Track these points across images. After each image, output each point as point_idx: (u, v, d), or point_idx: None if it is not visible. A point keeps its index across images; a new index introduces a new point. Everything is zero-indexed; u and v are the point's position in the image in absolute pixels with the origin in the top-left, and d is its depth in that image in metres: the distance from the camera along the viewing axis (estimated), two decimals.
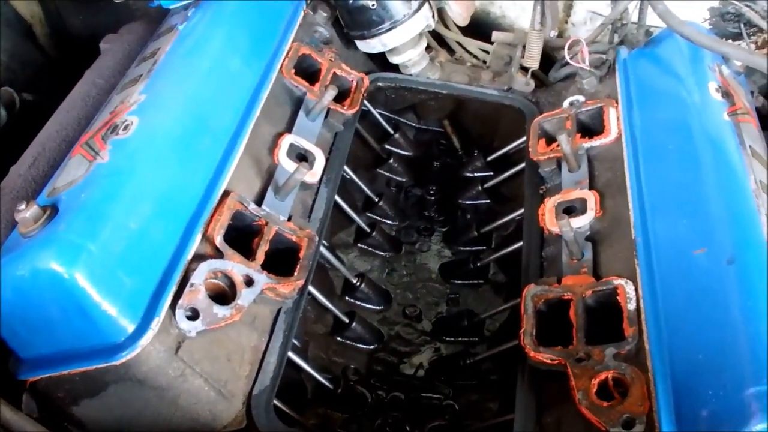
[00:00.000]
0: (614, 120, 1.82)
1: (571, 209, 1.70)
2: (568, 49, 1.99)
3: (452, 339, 2.00)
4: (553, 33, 2.11)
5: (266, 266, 1.50)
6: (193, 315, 1.32)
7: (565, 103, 2.00)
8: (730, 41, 2.19)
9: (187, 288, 1.34)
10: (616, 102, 1.86)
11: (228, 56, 1.77)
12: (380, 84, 2.29)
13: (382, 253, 2.21)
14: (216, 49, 1.76)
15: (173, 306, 1.32)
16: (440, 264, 2.23)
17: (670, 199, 1.53)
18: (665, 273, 1.39)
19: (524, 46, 2.15)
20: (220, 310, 1.35)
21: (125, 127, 1.46)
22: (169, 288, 1.33)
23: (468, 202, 2.33)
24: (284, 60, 1.94)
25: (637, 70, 1.90)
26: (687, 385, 1.21)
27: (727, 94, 1.71)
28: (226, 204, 1.51)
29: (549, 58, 2.21)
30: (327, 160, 1.91)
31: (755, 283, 1.27)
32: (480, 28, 2.46)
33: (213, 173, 1.55)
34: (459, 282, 2.16)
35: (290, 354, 1.56)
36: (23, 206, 1.28)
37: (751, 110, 1.76)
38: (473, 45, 2.45)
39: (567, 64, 2.04)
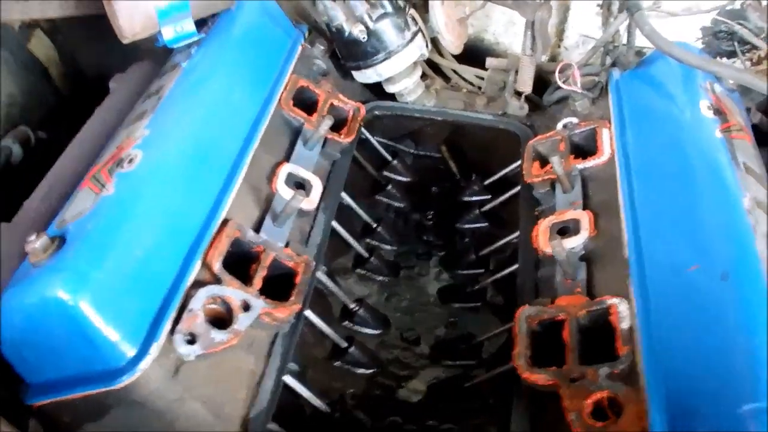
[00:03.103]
0: (607, 140, 1.84)
1: (565, 230, 1.71)
2: (560, 72, 2.02)
3: (450, 362, 2.00)
4: (544, 57, 2.15)
5: (264, 292, 1.52)
6: (192, 339, 1.34)
7: (559, 126, 2.03)
8: (724, 59, 2.22)
9: (186, 313, 1.36)
10: (609, 123, 1.89)
11: (229, 91, 1.82)
12: (377, 112, 2.33)
13: (380, 278, 2.23)
14: (217, 84, 1.81)
15: (172, 331, 1.35)
16: (438, 288, 2.24)
17: (663, 217, 1.54)
18: (659, 291, 1.40)
19: (517, 71, 2.19)
20: (218, 335, 1.37)
21: (130, 161, 1.52)
22: (168, 313, 1.36)
23: (466, 226, 2.35)
24: (283, 92, 1.99)
25: (629, 91, 1.93)
26: (681, 404, 1.21)
27: (719, 112, 1.72)
28: (225, 232, 1.54)
29: (544, 81, 2.24)
30: (325, 187, 1.94)
31: (750, 298, 1.27)
32: (475, 55, 2.50)
33: (213, 203, 1.59)
34: (457, 305, 2.17)
35: (288, 378, 1.57)
36: (33, 237, 1.32)
37: (746, 127, 1.78)
38: (468, 72, 2.49)
39: (560, 87, 2.07)
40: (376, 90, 2.37)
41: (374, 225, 2.30)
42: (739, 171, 1.56)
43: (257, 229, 1.67)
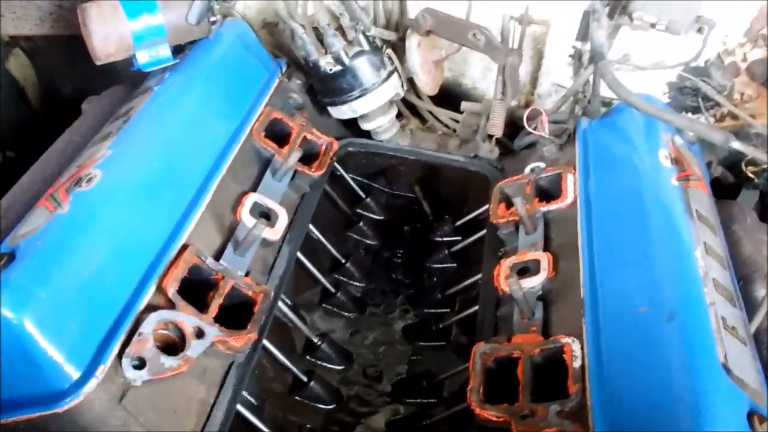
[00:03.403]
0: (571, 185, 1.87)
1: (525, 270, 1.73)
2: (529, 119, 2.06)
3: (411, 400, 1.99)
4: (515, 102, 2.19)
5: (221, 320, 1.52)
6: (140, 364, 1.33)
7: (527, 169, 2.06)
8: (688, 114, 2.28)
9: (136, 337, 1.35)
10: (574, 168, 1.92)
11: (198, 116, 1.84)
12: (351, 149, 2.35)
13: (346, 314, 2.23)
14: (186, 109, 1.83)
15: (121, 355, 1.33)
16: (404, 326, 2.24)
17: (618, 260, 1.56)
18: (610, 331, 1.42)
19: (489, 116, 2.23)
20: (168, 361, 1.36)
21: (88, 180, 1.51)
22: (117, 337, 1.35)
23: (435, 266, 2.37)
24: (255, 123, 2.01)
25: (595, 138, 1.97)
26: None
27: (677, 161, 1.77)
28: (183, 257, 1.54)
29: (517, 127, 2.27)
30: (292, 219, 1.96)
31: (693, 339, 1.30)
32: (453, 98, 2.55)
33: (173, 227, 1.59)
34: (422, 344, 2.17)
35: (243, 410, 1.56)
36: None
37: (702, 177, 1.82)
38: (444, 114, 2.53)
39: (530, 132, 2.11)
40: (353, 128, 2.40)
41: (343, 260, 2.31)
42: (692, 218, 1.60)
43: (218, 256, 1.67)
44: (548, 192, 1.94)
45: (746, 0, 2.08)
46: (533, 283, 1.66)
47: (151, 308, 1.43)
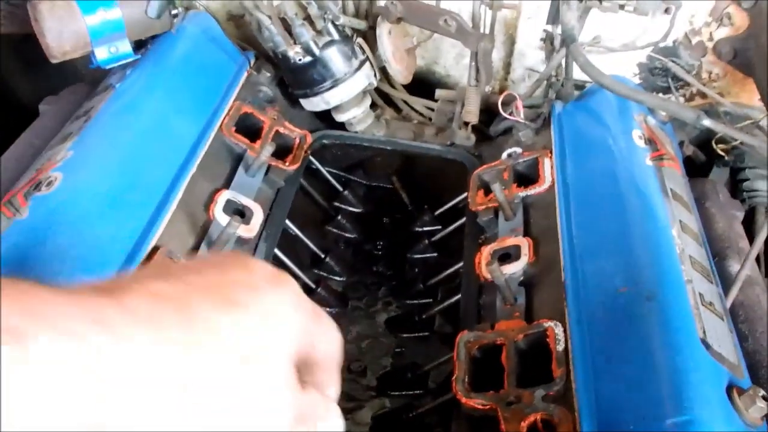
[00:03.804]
0: (548, 169, 1.86)
1: (506, 256, 1.72)
2: (504, 104, 2.05)
3: (397, 393, 1.98)
4: (488, 88, 2.18)
5: None
6: None
7: (504, 155, 2.05)
8: (660, 95, 2.28)
9: None
10: (551, 152, 1.91)
11: (164, 114, 1.79)
12: (326, 141, 2.33)
13: (328, 309, 2.19)
14: (151, 106, 1.78)
15: None
16: (386, 318, 2.22)
17: (597, 241, 1.56)
18: (592, 313, 1.41)
19: (464, 103, 2.21)
20: None
21: (48, 184, 1.46)
22: None
23: (416, 256, 2.35)
24: (225, 118, 1.98)
25: (569, 121, 1.96)
26: (611, 421, 1.22)
27: (650, 141, 1.77)
28: (154, 260, 1.50)
29: (493, 113, 2.26)
30: (268, 215, 1.93)
31: (672, 318, 1.30)
32: (427, 86, 2.53)
33: (142, 229, 1.54)
34: (406, 335, 2.15)
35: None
36: None
37: (675, 156, 1.82)
38: (419, 103, 2.51)
39: (505, 118, 2.10)
40: (327, 120, 2.37)
41: (323, 255, 2.29)
42: (667, 197, 1.60)
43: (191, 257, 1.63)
44: (526, 177, 1.93)
45: None
46: (514, 268, 1.65)
47: None
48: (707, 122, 1.59)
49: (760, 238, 1.57)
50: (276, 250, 1.94)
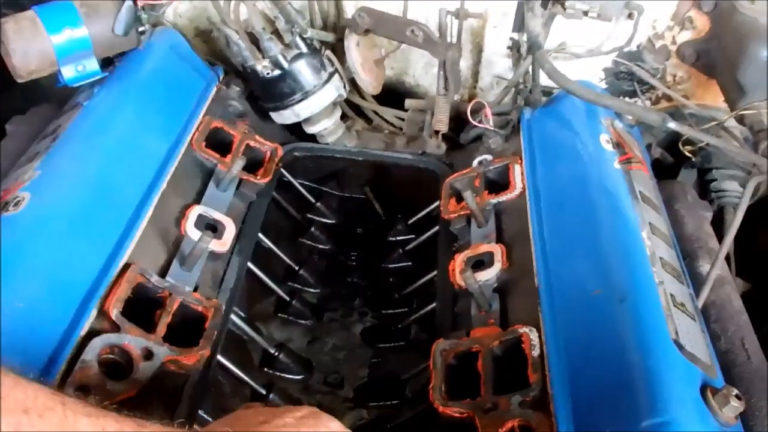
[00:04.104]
0: (518, 176, 1.88)
1: (480, 263, 1.73)
2: (473, 112, 2.06)
3: (374, 404, 1.97)
4: (457, 96, 2.19)
5: (172, 339, 1.47)
6: (84, 393, 1.27)
7: (475, 163, 2.07)
8: (626, 99, 2.31)
9: (78, 364, 1.29)
10: (521, 159, 1.93)
11: (133, 130, 1.78)
12: (297, 154, 2.32)
13: (303, 322, 2.19)
14: (120, 123, 1.76)
15: (63, 384, 1.27)
16: (362, 329, 2.22)
17: (569, 245, 1.57)
18: (566, 317, 1.42)
19: (434, 111, 2.22)
20: (115, 386, 1.31)
21: (16, 204, 1.44)
22: (57, 366, 1.28)
23: (390, 266, 2.35)
24: (195, 133, 1.96)
25: (538, 127, 1.98)
26: (588, 425, 1.23)
27: (618, 145, 1.79)
28: (126, 277, 1.48)
29: (463, 121, 2.27)
30: (240, 229, 1.92)
31: (645, 319, 1.31)
32: (397, 96, 2.54)
33: (113, 247, 1.53)
34: (382, 346, 2.15)
35: (198, 429, 1.52)
36: None
37: (643, 159, 1.84)
38: (389, 113, 2.52)
39: (475, 126, 2.11)
40: (298, 132, 2.37)
41: (297, 268, 2.28)
42: (636, 200, 1.62)
43: (164, 273, 1.62)
44: (497, 184, 1.94)
45: None
46: (488, 275, 1.66)
47: (94, 333, 1.37)
48: (673, 125, 1.62)
49: (729, 237, 1.59)
50: (249, 264, 1.93)
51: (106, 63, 1.89)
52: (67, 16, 1.76)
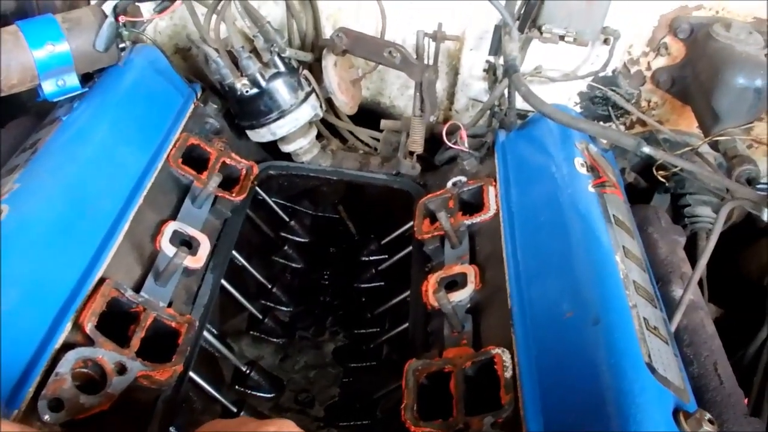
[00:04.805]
0: (492, 197, 1.90)
1: (453, 284, 1.74)
2: (448, 133, 2.08)
3: (345, 423, 1.97)
4: (433, 118, 2.21)
5: (146, 354, 1.46)
6: (57, 405, 1.26)
7: (449, 184, 2.08)
8: (599, 122, 2.36)
9: (52, 377, 1.28)
10: (495, 180, 1.95)
11: (110, 146, 1.78)
12: (272, 172, 2.32)
13: (275, 340, 2.19)
14: (98, 138, 1.76)
15: (36, 397, 1.26)
16: (334, 348, 2.22)
17: (542, 268, 1.58)
18: (539, 339, 1.43)
19: (409, 132, 2.24)
20: (88, 400, 1.30)
21: None
22: (32, 379, 1.27)
23: (363, 285, 2.36)
24: (172, 149, 1.96)
25: (513, 150, 2.01)
26: None
27: (592, 169, 1.81)
28: (101, 291, 1.48)
29: (438, 142, 2.30)
30: (215, 246, 1.91)
31: (618, 341, 1.32)
32: (373, 117, 2.55)
33: (89, 261, 1.53)
34: (353, 365, 2.15)
35: None
36: None
37: (617, 183, 1.87)
38: (364, 133, 2.53)
39: (450, 147, 2.13)
40: (274, 151, 2.37)
41: (269, 285, 2.27)
42: (610, 223, 1.64)
43: (138, 288, 1.61)
44: (471, 205, 1.96)
45: (647, 11, 2.17)
46: (461, 296, 1.67)
47: (68, 346, 1.36)
48: (647, 149, 1.64)
49: (702, 262, 1.61)
50: (223, 281, 1.92)
51: (86, 78, 1.89)
52: (50, 31, 1.75)
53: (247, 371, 1.98)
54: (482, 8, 2.11)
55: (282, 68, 2.14)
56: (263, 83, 2.10)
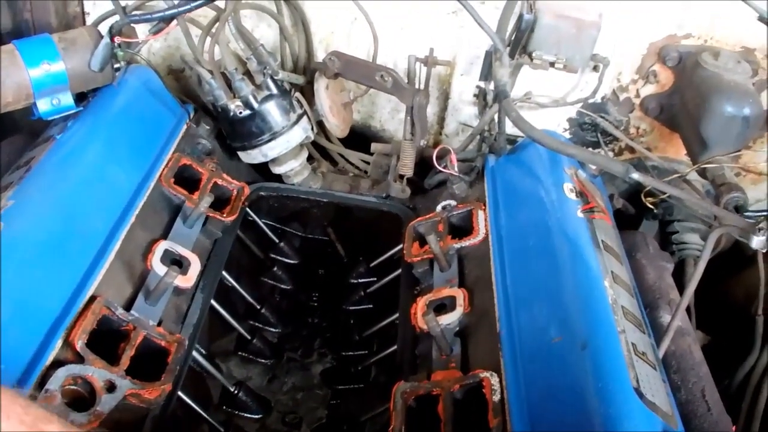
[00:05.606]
0: (482, 221, 1.91)
1: (442, 307, 1.75)
2: (438, 157, 2.10)
3: None
4: (424, 142, 2.23)
5: (135, 372, 1.46)
6: None
7: (439, 207, 2.10)
8: (588, 148, 2.38)
9: (42, 394, 1.29)
10: (484, 205, 1.97)
11: (103, 165, 1.79)
12: (263, 193, 2.33)
13: (263, 361, 2.20)
14: (91, 157, 1.78)
15: None
16: (322, 369, 2.22)
17: (531, 292, 1.60)
18: (527, 363, 1.44)
19: (399, 156, 2.26)
20: (77, 417, 1.30)
21: None
22: (23, 394, 1.27)
23: (351, 308, 2.36)
24: (164, 169, 1.97)
25: (502, 174, 2.03)
26: None
27: (581, 194, 1.84)
28: (92, 309, 1.48)
29: (427, 166, 2.32)
30: (205, 266, 1.92)
31: (606, 367, 1.33)
32: (363, 140, 2.57)
33: (80, 278, 1.53)
34: (341, 387, 2.15)
35: None
36: None
37: (606, 209, 1.90)
38: (355, 156, 2.55)
39: (440, 171, 2.15)
40: (265, 172, 2.38)
41: (258, 306, 2.28)
42: (599, 249, 1.66)
43: (129, 306, 1.61)
44: (460, 229, 1.97)
45: (636, 39, 2.20)
46: (450, 319, 1.68)
47: (58, 363, 1.36)
48: (636, 176, 1.65)
49: (690, 289, 1.61)
50: (212, 301, 1.92)
51: (80, 97, 1.90)
52: (46, 51, 1.77)
53: (235, 391, 1.98)
54: (473, 34, 2.15)
55: (274, 90, 2.16)
56: (256, 105, 2.12)
